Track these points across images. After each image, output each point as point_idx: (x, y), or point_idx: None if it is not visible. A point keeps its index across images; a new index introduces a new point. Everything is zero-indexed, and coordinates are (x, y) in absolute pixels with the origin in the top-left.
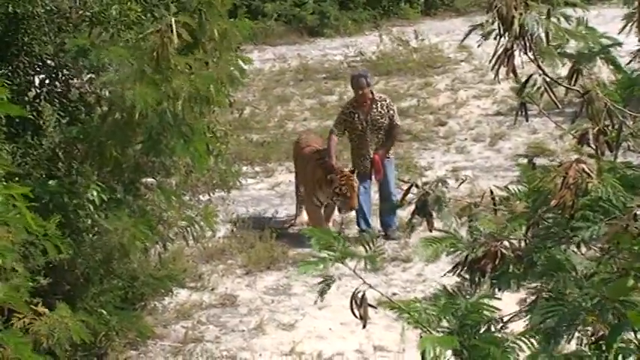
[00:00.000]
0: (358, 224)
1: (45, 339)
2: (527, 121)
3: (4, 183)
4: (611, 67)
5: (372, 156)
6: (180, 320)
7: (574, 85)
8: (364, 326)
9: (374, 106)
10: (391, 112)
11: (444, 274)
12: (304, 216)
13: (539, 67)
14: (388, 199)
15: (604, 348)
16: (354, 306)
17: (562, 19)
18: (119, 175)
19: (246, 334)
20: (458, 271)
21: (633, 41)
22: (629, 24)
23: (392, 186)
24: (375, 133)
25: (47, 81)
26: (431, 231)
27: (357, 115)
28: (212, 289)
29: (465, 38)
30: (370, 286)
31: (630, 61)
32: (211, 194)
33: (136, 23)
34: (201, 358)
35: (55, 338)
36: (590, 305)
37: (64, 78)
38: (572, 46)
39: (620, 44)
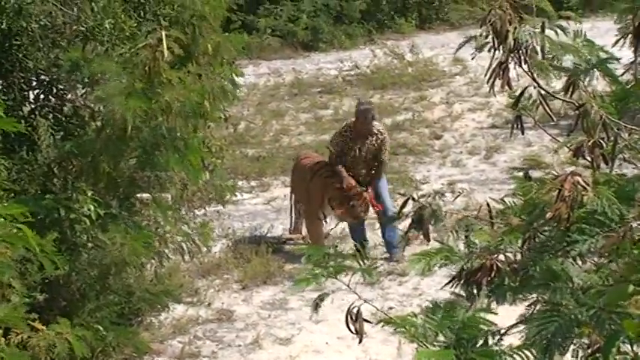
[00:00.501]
0: (354, 238)
1: (43, 354)
2: (522, 134)
3: (5, 204)
4: (607, 79)
5: (360, 182)
6: (177, 335)
7: (570, 98)
8: (360, 341)
9: (372, 138)
10: (383, 148)
11: (441, 288)
12: (302, 230)
13: (533, 79)
14: (386, 214)
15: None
16: (350, 321)
17: (559, 31)
18: (114, 190)
19: (243, 349)
20: (454, 285)
21: (627, 54)
22: (623, 37)
23: (387, 200)
24: (366, 162)
25: (42, 96)
26: (428, 243)
27: (353, 142)
28: (208, 304)
29: (458, 49)
30: (365, 301)
31: (624, 73)
32: (207, 208)
33: (130, 37)
34: None
35: (54, 353)
36: (586, 317)
37: (58, 93)
38: (567, 59)
39: (617, 59)
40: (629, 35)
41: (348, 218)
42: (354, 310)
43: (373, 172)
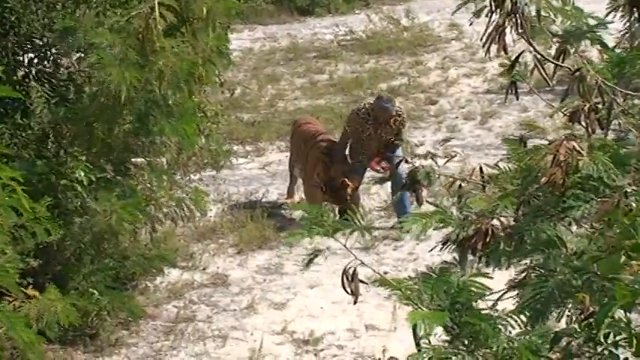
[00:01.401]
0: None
1: (34, 322)
2: (517, 99)
3: None
4: (598, 47)
5: (369, 157)
6: (172, 300)
7: (562, 63)
8: (355, 302)
9: (392, 123)
10: (402, 128)
11: (431, 250)
12: (295, 196)
13: (530, 44)
14: (399, 181)
15: (593, 325)
16: (346, 282)
17: None
18: (108, 154)
19: (238, 313)
20: (447, 249)
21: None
22: (615, 10)
23: (401, 167)
24: (381, 140)
25: (36, 60)
26: (420, 206)
27: (370, 125)
28: (203, 269)
29: (455, 12)
30: (362, 263)
31: (617, 44)
32: (202, 173)
33: (123, 4)
34: (192, 338)
35: (44, 321)
36: (579, 283)
37: (52, 57)
38: (557, 25)
39: (605, 25)
40: (620, 7)
41: (329, 199)
42: (350, 271)
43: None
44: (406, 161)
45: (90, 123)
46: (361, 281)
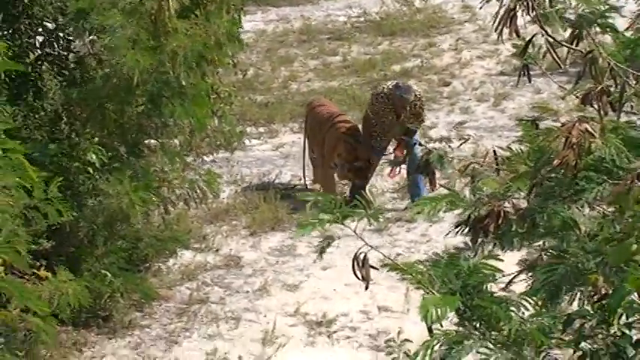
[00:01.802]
0: (351, 192)
1: (46, 303)
2: (529, 82)
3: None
4: (610, 33)
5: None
6: (185, 281)
7: (575, 47)
8: (367, 288)
9: (411, 107)
10: (422, 111)
11: (446, 234)
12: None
13: (541, 27)
14: (412, 159)
15: (606, 307)
16: (356, 267)
17: None
18: (122, 136)
19: (251, 295)
20: (460, 231)
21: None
22: None
23: (417, 150)
24: (402, 125)
25: (48, 43)
26: (433, 189)
27: (390, 109)
28: (216, 250)
29: None
30: (372, 247)
31: (628, 27)
32: (215, 155)
33: None
34: (205, 319)
35: (56, 303)
36: (593, 264)
37: (64, 40)
38: (574, 9)
39: (616, 9)
40: None
41: (350, 175)
42: (361, 256)
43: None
44: (420, 144)
45: (102, 104)
46: (372, 267)
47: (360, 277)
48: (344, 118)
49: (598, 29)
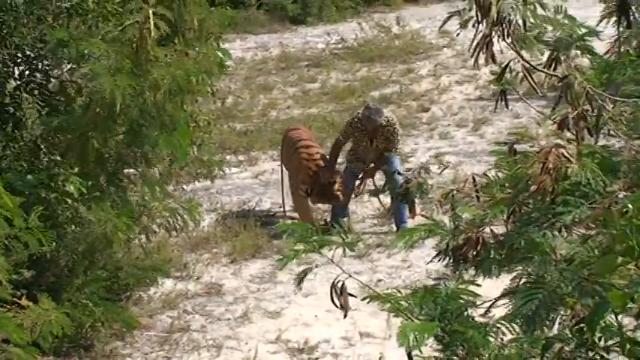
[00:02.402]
0: (332, 217)
1: (29, 332)
2: (507, 107)
3: None
4: (588, 56)
5: (366, 164)
6: (166, 310)
7: (554, 72)
8: (345, 316)
9: (381, 131)
10: (395, 137)
11: (430, 261)
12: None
13: (517, 53)
14: (391, 178)
15: (585, 330)
16: (335, 295)
17: (538, 6)
18: (101, 165)
19: (232, 322)
20: (440, 259)
21: (611, 32)
22: (607, 16)
23: (396, 165)
24: (377, 150)
25: (27, 72)
26: (413, 217)
27: (363, 134)
28: (197, 278)
29: (443, 25)
30: (350, 275)
31: (607, 52)
32: (195, 183)
33: (114, 15)
34: (187, 348)
35: (37, 332)
36: (569, 288)
37: (43, 69)
38: (550, 34)
39: (597, 34)
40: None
41: (321, 200)
42: (339, 285)
43: (382, 155)
44: (399, 173)
45: (84, 133)
46: (350, 295)
47: (338, 305)
48: (306, 143)
49: (578, 52)
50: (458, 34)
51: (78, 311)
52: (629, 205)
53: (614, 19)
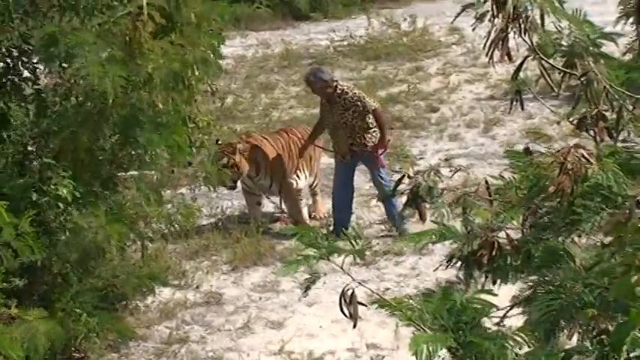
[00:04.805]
0: (334, 225)
1: (19, 344)
2: (522, 109)
3: None
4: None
5: (346, 149)
6: (164, 320)
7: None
8: (355, 326)
9: (337, 100)
10: (358, 103)
11: (436, 269)
12: (321, 207)
13: (534, 50)
14: (380, 188)
15: (606, 343)
16: (344, 304)
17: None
18: (95, 168)
19: (233, 333)
20: (452, 265)
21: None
22: (625, 16)
23: (378, 174)
24: (343, 130)
25: (13, 71)
26: (424, 222)
27: (327, 110)
28: (196, 287)
29: (455, 18)
30: (360, 283)
31: (625, 53)
32: (194, 187)
33: (108, 7)
34: None
35: (26, 345)
36: (591, 298)
37: (33, 67)
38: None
39: (614, 40)
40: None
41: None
42: (348, 293)
43: (359, 139)
44: (408, 177)
45: (75, 134)
46: (360, 303)
47: (347, 314)
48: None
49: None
50: (474, 29)
51: (71, 321)
52: None
53: (631, 19)
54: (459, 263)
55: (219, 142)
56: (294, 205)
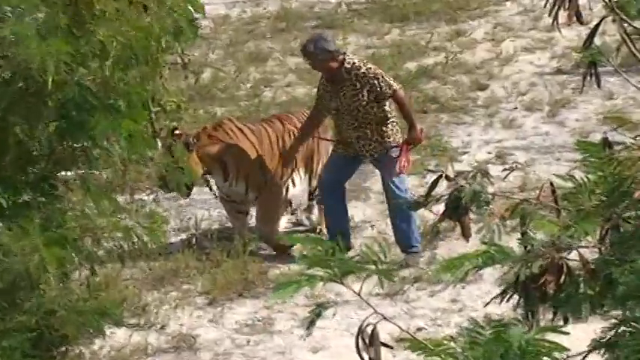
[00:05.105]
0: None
1: None
2: (599, 86)
3: None
4: None
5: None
6: None
7: None
8: None
9: (346, 77)
10: (375, 82)
11: (486, 304)
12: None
13: (613, 10)
14: (394, 204)
15: None
16: (362, 345)
17: None
18: (27, 166)
19: None
20: (507, 298)
21: None
22: None
23: (396, 184)
24: (353, 115)
25: None
26: (467, 239)
27: (328, 92)
28: (161, 327)
29: None
30: (384, 317)
31: None
32: (158, 192)
33: None
34: None
35: None
36: None
37: None
38: None
39: None
40: None
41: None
42: (368, 330)
43: (369, 127)
44: (447, 178)
45: (3, 120)
46: (383, 344)
47: (367, 359)
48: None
49: None
50: None
51: None
52: None
53: None
54: (516, 294)
55: (177, 132)
56: (269, 218)
